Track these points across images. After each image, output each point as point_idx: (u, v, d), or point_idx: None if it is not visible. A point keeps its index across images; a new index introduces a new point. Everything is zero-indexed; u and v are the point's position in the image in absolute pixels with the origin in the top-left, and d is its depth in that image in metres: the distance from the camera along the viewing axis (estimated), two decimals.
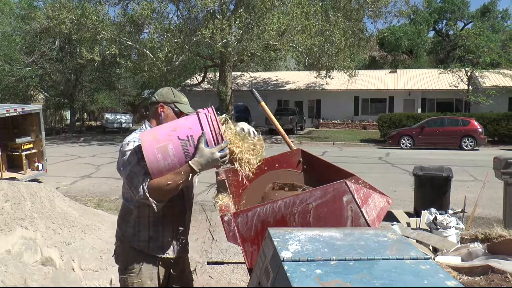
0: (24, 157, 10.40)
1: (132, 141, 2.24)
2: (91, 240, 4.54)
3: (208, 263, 2.76)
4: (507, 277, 3.17)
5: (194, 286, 2.66)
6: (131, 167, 2.16)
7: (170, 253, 2.36)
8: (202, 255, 5.38)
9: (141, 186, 2.09)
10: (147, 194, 2.06)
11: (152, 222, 2.32)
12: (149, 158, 2.03)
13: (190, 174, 2.06)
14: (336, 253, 1.38)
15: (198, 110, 2.17)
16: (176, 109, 2.39)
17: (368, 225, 1.78)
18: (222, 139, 2.08)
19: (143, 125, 2.42)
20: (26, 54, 25.80)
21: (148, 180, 2.08)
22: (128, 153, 2.20)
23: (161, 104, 2.39)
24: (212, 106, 2.20)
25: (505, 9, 46.67)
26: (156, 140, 2.05)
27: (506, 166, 5.73)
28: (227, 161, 2.11)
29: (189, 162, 2.04)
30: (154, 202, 2.08)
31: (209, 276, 4.60)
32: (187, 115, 2.32)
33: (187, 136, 2.05)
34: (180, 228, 2.42)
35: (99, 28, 20.31)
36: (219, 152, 2.04)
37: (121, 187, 2.42)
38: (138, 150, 2.17)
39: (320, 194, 1.80)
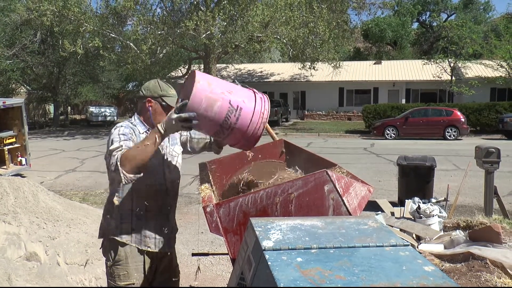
0: (6, 152, 10.24)
1: (125, 127, 2.27)
2: (76, 234, 4.50)
3: (193, 254, 2.76)
4: (486, 263, 3.24)
5: (180, 278, 2.66)
6: (117, 143, 2.11)
7: (152, 247, 2.36)
8: (187, 247, 5.39)
9: (116, 156, 2.01)
10: (118, 163, 1.97)
11: (135, 215, 2.32)
12: (193, 99, 1.94)
13: (156, 136, 1.98)
14: (317, 241, 1.40)
15: (254, 90, 2.15)
16: (163, 103, 2.36)
17: (350, 214, 1.80)
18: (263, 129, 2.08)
19: (133, 118, 2.40)
20: (7, 46, 25.24)
21: (125, 150, 2.03)
22: (117, 133, 2.19)
23: (149, 98, 2.35)
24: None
25: (487, 1, 47.32)
26: (210, 90, 1.98)
27: (487, 155, 5.84)
28: (192, 128, 2.02)
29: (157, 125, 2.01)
30: (123, 171, 1.95)
31: (197, 268, 4.61)
32: None
33: (237, 106, 2.01)
34: (163, 223, 2.42)
35: (82, 20, 20.00)
36: (176, 113, 1.95)
37: (107, 179, 2.41)
38: (127, 132, 2.22)
39: (301, 183, 1.81)
